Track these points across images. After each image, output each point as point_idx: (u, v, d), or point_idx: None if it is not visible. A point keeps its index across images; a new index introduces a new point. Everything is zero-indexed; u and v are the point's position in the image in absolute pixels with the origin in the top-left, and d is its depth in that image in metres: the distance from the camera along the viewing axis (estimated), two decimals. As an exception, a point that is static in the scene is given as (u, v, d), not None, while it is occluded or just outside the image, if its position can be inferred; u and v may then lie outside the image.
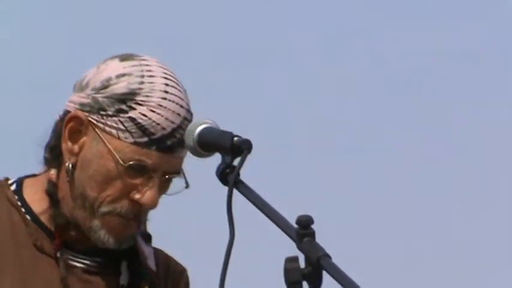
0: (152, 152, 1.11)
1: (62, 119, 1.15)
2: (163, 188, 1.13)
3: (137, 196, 1.10)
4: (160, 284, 1.19)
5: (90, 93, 1.13)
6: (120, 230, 1.12)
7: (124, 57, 1.15)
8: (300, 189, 3.65)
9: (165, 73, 1.14)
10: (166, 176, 1.12)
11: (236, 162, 1.03)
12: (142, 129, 1.10)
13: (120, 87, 1.11)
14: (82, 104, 1.13)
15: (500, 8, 4.06)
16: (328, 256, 0.94)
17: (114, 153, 1.09)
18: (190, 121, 1.12)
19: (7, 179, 1.20)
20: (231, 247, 1.02)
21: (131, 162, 1.10)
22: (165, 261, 1.24)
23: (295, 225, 0.96)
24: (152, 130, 1.10)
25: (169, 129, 1.11)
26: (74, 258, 1.15)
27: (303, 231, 0.95)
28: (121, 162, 1.09)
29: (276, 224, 0.99)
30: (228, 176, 1.03)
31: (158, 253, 1.22)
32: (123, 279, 1.16)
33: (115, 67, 1.13)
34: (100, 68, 1.14)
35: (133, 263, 1.18)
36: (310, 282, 0.94)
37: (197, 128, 1.08)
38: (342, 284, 0.93)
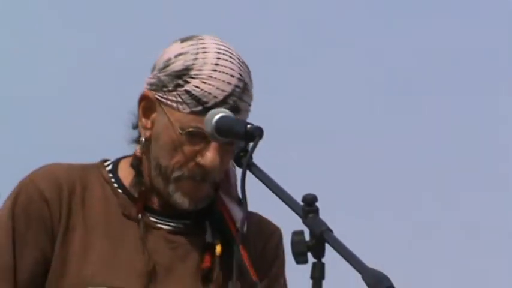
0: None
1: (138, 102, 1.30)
2: (226, 151, 1.25)
3: (200, 159, 1.22)
4: (249, 244, 1.28)
5: (155, 74, 1.28)
6: (193, 192, 1.24)
7: (184, 39, 1.28)
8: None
9: (219, 48, 1.26)
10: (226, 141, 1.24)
11: (249, 147, 1.16)
12: (197, 100, 1.22)
13: (177, 65, 1.24)
14: (150, 84, 1.28)
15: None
16: (330, 230, 1.05)
17: (175, 123, 1.23)
18: (243, 89, 1.25)
19: (105, 161, 1.34)
20: (244, 221, 1.19)
21: (190, 129, 1.22)
22: (257, 223, 1.32)
23: (301, 203, 1.07)
24: (205, 99, 1.22)
25: (220, 97, 1.22)
26: (159, 222, 1.29)
27: (307, 208, 1.05)
28: (180, 130, 1.22)
29: (284, 201, 1.09)
30: (242, 159, 1.17)
31: (251, 216, 1.30)
32: (209, 237, 1.28)
33: (175, 48, 1.27)
34: (164, 51, 1.28)
35: (218, 224, 1.29)
36: (314, 253, 1.04)
37: (215, 116, 1.20)
38: (342, 255, 1.03)
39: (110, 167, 1.33)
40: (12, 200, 1.28)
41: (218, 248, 1.28)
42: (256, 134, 1.16)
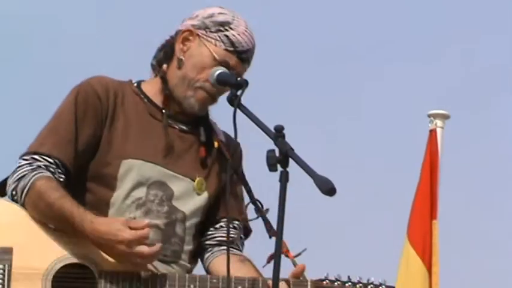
0: (234, 57, 1.83)
1: (174, 35, 1.89)
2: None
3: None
4: (227, 149, 1.90)
5: (200, 19, 1.86)
6: (203, 101, 1.83)
7: (223, 7, 1.90)
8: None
9: (246, 23, 1.88)
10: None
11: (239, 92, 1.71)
12: (231, 43, 1.83)
13: (221, 18, 1.86)
14: (193, 25, 1.87)
15: None
16: (292, 149, 1.55)
17: (212, 52, 1.82)
18: (253, 52, 1.88)
19: (130, 80, 1.93)
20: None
21: (223, 54, 1.82)
22: (227, 136, 1.94)
23: (274, 131, 1.58)
24: (237, 44, 1.83)
25: (246, 47, 1.85)
26: (173, 123, 1.87)
27: (277, 134, 1.57)
28: (216, 57, 1.81)
29: (262, 130, 1.63)
30: (234, 101, 1.70)
31: (225, 132, 1.95)
32: (202, 138, 1.88)
33: (218, 9, 1.89)
34: (206, 9, 1.89)
35: (208, 130, 1.91)
36: (282, 165, 1.55)
37: (215, 71, 1.77)
38: (300, 166, 1.53)
39: (135, 84, 1.93)
40: (75, 93, 1.83)
41: (216, 144, 1.91)
42: (243, 83, 1.73)
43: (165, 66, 1.89)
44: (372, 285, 1.74)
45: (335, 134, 4.97)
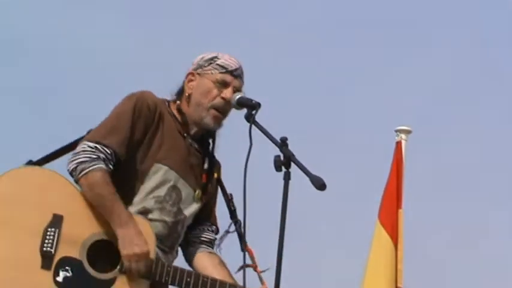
0: (228, 75, 2.36)
1: (183, 83, 2.44)
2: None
3: (223, 95, 2.34)
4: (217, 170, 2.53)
5: (195, 63, 2.42)
6: (216, 117, 2.39)
7: (209, 52, 2.45)
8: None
9: (229, 55, 2.44)
10: (235, 90, 2.37)
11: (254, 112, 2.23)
12: (222, 66, 2.37)
13: (208, 56, 2.41)
14: (193, 68, 2.42)
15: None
16: (293, 155, 2.04)
17: (211, 79, 2.37)
18: (241, 71, 2.42)
19: (164, 99, 2.45)
20: (249, 153, 2.20)
21: (220, 79, 2.36)
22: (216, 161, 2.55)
23: (280, 141, 2.09)
24: (227, 66, 2.37)
25: (234, 66, 2.39)
26: (192, 142, 2.41)
27: (282, 143, 2.07)
28: (215, 80, 2.36)
29: (271, 140, 2.13)
30: (249, 118, 2.21)
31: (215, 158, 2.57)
32: (206, 165, 2.48)
33: (204, 53, 2.44)
34: (198, 56, 2.43)
35: (211, 161, 2.49)
36: (285, 166, 2.03)
37: (236, 96, 2.32)
38: (299, 167, 2.02)
39: (167, 104, 2.46)
40: (134, 102, 2.32)
41: (215, 175, 2.50)
42: (257, 105, 2.25)
43: (179, 101, 2.45)
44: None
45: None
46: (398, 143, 4.12)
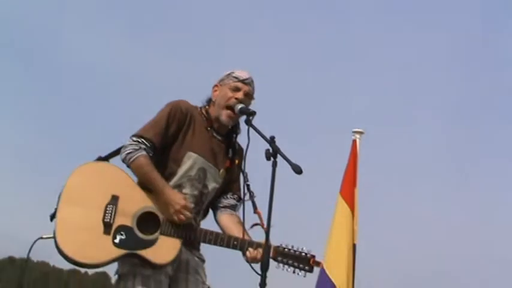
0: (240, 83, 3.18)
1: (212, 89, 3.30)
2: (247, 98, 3.23)
3: (236, 96, 3.17)
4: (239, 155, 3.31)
5: (220, 79, 3.27)
6: (229, 115, 3.18)
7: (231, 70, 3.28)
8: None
9: (242, 70, 3.26)
10: (245, 93, 3.19)
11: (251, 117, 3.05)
12: (236, 77, 3.20)
13: (228, 72, 3.25)
14: (218, 81, 3.28)
15: None
16: (279, 149, 2.78)
17: (229, 86, 3.21)
18: (251, 80, 3.23)
19: (197, 106, 3.29)
20: (247, 147, 3.10)
21: (234, 86, 3.19)
22: (240, 147, 3.36)
23: (269, 138, 2.86)
24: (239, 77, 3.19)
25: (246, 76, 3.20)
26: (216, 135, 3.25)
27: (271, 140, 2.84)
28: (231, 87, 3.19)
29: (263, 138, 2.90)
30: (248, 122, 3.03)
31: (239, 144, 3.36)
32: (230, 154, 3.30)
33: (227, 71, 3.27)
34: (222, 73, 3.28)
35: (234, 149, 3.31)
36: (273, 156, 2.76)
37: (238, 106, 3.13)
38: (283, 157, 2.75)
39: (199, 109, 3.28)
40: (170, 108, 3.12)
41: (237, 161, 3.28)
42: (253, 113, 3.06)
43: (206, 107, 3.31)
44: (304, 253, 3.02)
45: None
46: (354, 141, 5.34)
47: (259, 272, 2.70)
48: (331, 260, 4.93)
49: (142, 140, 3.07)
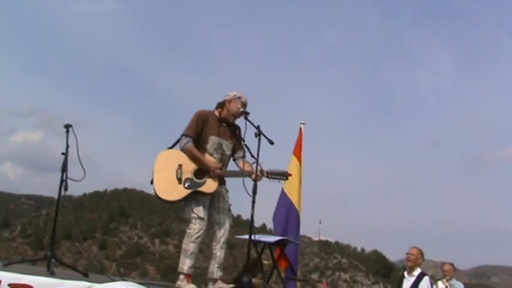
0: (242, 100, 5.89)
1: (223, 101, 5.99)
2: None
3: (241, 110, 5.86)
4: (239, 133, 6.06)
5: (232, 95, 5.96)
6: (236, 113, 5.92)
7: (236, 91, 6.02)
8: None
9: (244, 96, 5.97)
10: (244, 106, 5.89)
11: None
12: (242, 102, 5.91)
13: (238, 95, 5.96)
14: (230, 97, 5.95)
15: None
16: (262, 132, 5.61)
17: (238, 103, 5.91)
18: (246, 102, 5.96)
19: (211, 110, 5.99)
20: (245, 130, 5.85)
21: (240, 106, 5.89)
22: (238, 127, 6.08)
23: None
24: (244, 102, 5.93)
25: (246, 101, 5.93)
26: (225, 125, 5.97)
27: (258, 127, 5.62)
28: (239, 105, 5.90)
29: (253, 126, 5.67)
30: (246, 116, 5.78)
31: (238, 126, 6.09)
32: (235, 134, 6.02)
33: (233, 91, 5.99)
34: (231, 92, 5.98)
35: (238, 130, 6.05)
36: (259, 135, 5.53)
37: (240, 109, 5.91)
38: (264, 136, 5.56)
39: (213, 111, 5.97)
40: (197, 114, 5.80)
41: (239, 137, 6.02)
42: (248, 113, 5.83)
43: (219, 110, 5.91)
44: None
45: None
46: (300, 128, 8.65)
47: (251, 194, 5.44)
48: (289, 187, 8.41)
49: (188, 136, 5.70)
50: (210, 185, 5.64)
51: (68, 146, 5.07)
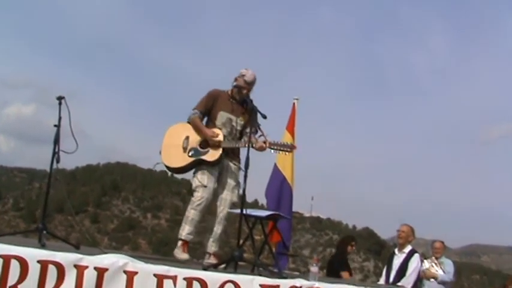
0: (245, 78, 6.03)
1: (234, 80, 6.16)
2: (251, 87, 6.15)
3: (247, 88, 6.12)
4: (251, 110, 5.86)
5: (240, 74, 6.12)
6: (242, 94, 6.13)
7: (244, 69, 6.14)
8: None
9: (253, 72, 6.10)
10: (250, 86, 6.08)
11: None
12: (244, 77, 6.05)
13: (242, 70, 6.11)
14: (238, 76, 6.12)
15: None
16: (257, 108, 5.61)
17: (244, 80, 6.07)
18: (254, 80, 6.10)
19: (224, 90, 6.29)
20: (253, 105, 6.07)
21: (244, 80, 6.04)
22: (252, 103, 5.87)
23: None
24: (246, 78, 6.06)
25: (250, 80, 6.06)
26: (236, 102, 6.23)
27: (251, 102, 5.74)
28: (243, 80, 6.07)
29: (250, 103, 5.75)
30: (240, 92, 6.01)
31: (251, 101, 5.89)
32: (246, 109, 6.15)
33: (243, 69, 6.13)
34: (241, 70, 6.14)
35: (249, 105, 5.92)
36: (255, 110, 5.60)
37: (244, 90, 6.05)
38: (258, 112, 5.59)
39: (226, 90, 6.24)
40: (209, 92, 6.16)
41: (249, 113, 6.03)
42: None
43: (231, 89, 6.14)
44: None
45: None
46: (294, 104, 8.82)
47: (243, 169, 5.41)
48: (281, 162, 8.60)
49: (196, 110, 6.05)
50: (211, 154, 5.92)
51: (60, 118, 5.03)
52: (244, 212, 4.99)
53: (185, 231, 5.79)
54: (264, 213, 6.41)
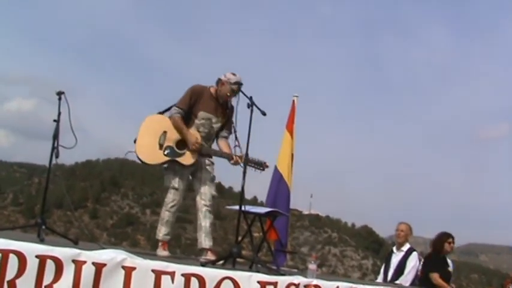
0: (237, 80, 5.88)
1: (218, 80, 6.06)
2: (237, 89, 5.90)
3: (233, 86, 5.93)
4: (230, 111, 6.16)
5: (226, 77, 5.99)
6: (231, 94, 6.00)
7: (233, 75, 6.01)
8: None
9: (237, 76, 5.98)
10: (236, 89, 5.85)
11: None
12: (234, 79, 5.91)
13: (230, 76, 5.97)
14: (224, 77, 6.00)
15: None
16: (254, 103, 5.60)
17: (230, 82, 5.94)
18: (240, 83, 5.90)
19: (207, 86, 6.15)
20: (238, 101, 5.79)
21: (231, 89, 5.93)
22: (231, 105, 6.18)
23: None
24: (235, 79, 5.91)
25: (238, 79, 5.92)
26: (217, 102, 6.11)
27: (251, 98, 5.58)
28: (230, 89, 5.95)
29: (246, 97, 5.65)
30: (240, 89, 5.80)
31: (231, 103, 6.16)
32: (227, 110, 6.18)
33: (231, 75, 5.99)
34: (227, 74, 6.01)
35: (229, 108, 6.18)
36: (251, 106, 5.47)
37: (233, 86, 5.95)
38: (256, 107, 5.56)
39: (209, 87, 6.10)
40: (191, 88, 5.97)
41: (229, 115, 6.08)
42: (241, 85, 5.89)
43: (215, 87, 6.01)
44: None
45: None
46: (293, 101, 8.75)
47: (242, 165, 5.41)
48: (280, 161, 8.44)
49: (178, 108, 5.87)
50: (187, 158, 5.83)
51: (59, 113, 5.02)
52: (243, 208, 4.99)
53: (162, 232, 5.95)
54: (262, 210, 6.41)
